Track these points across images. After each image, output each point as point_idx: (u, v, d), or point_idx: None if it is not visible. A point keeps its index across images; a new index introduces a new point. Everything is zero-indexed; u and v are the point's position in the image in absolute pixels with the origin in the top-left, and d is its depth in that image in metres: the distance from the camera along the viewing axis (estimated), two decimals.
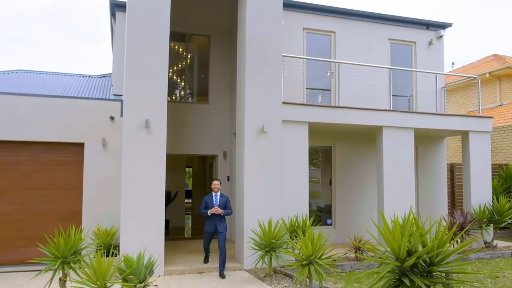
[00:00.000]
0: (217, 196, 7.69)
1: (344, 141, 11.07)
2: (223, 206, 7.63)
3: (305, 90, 11.15)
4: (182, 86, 11.99)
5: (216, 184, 7.78)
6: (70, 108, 8.64)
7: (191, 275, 7.42)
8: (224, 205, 7.65)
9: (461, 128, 10.27)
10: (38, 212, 8.36)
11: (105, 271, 4.54)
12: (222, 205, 7.62)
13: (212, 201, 7.61)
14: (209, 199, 7.65)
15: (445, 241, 3.56)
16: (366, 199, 11.06)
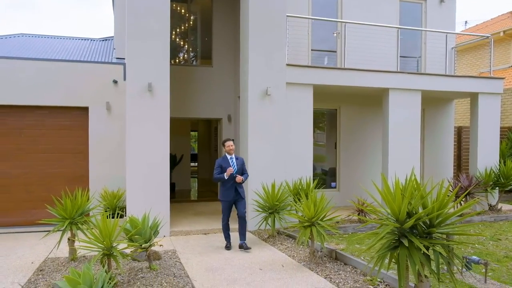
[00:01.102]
0: (233, 159, 6.71)
1: (350, 104, 10.94)
2: (241, 170, 6.75)
3: (310, 52, 10.91)
4: (185, 49, 11.80)
5: (231, 145, 6.74)
6: (73, 72, 8.58)
7: (196, 236, 7.58)
8: (241, 168, 6.76)
9: (470, 90, 10.06)
10: (45, 175, 8.49)
11: (111, 232, 4.64)
12: (240, 169, 6.73)
13: (229, 164, 6.63)
14: (225, 163, 6.66)
15: (446, 203, 3.56)
16: (370, 163, 11.06)
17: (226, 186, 6.63)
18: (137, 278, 5.05)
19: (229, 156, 6.73)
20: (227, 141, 6.82)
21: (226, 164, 6.62)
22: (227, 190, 6.63)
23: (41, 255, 6.21)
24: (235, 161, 6.71)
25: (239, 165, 6.74)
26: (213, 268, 5.58)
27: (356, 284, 4.89)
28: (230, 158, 6.71)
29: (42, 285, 4.85)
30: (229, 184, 6.60)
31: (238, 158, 6.82)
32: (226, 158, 6.71)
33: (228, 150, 6.74)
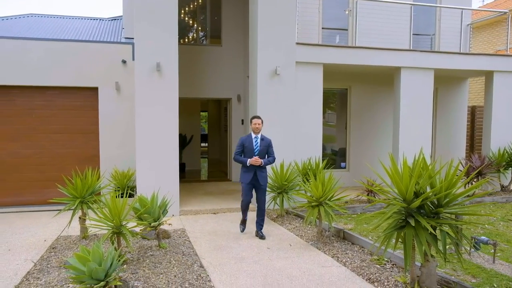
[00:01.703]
0: (258, 139, 6.07)
1: (361, 83, 10.78)
2: (265, 152, 6.15)
3: (321, 30, 10.72)
4: (194, 28, 11.68)
5: (257, 123, 6.08)
6: (82, 52, 8.59)
7: (206, 215, 7.66)
8: (265, 151, 6.14)
9: (485, 68, 9.81)
10: (57, 155, 8.61)
11: (120, 211, 4.71)
12: (264, 151, 6.12)
13: (252, 144, 6.02)
14: (248, 142, 6.05)
15: (454, 183, 3.52)
16: (381, 143, 10.96)
17: (245, 168, 6.11)
18: (146, 256, 5.15)
19: (254, 135, 6.10)
20: (254, 118, 6.16)
21: (248, 144, 6.03)
22: (245, 172, 6.09)
23: (53, 233, 6.34)
24: (259, 142, 6.07)
25: (263, 146, 6.08)
26: (221, 246, 5.65)
27: (363, 263, 4.91)
28: (254, 138, 6.08)
29: (54, 262, 4.97)
30: (249, 166, 6.04)
31: (264, 139, 6.14)
32: (251, 137, 6.09)
33: (254, 128, 6.10)
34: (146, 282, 4.30)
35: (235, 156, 6.12)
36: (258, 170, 6.03)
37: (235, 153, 6.11)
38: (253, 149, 6.01)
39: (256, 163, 5.92)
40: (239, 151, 6.09)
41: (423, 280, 3.77)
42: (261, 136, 6.15)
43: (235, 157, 6.12)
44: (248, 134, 6.21)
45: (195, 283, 4.31)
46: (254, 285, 4.26)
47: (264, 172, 6.12)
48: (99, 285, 3.61)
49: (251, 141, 6.07)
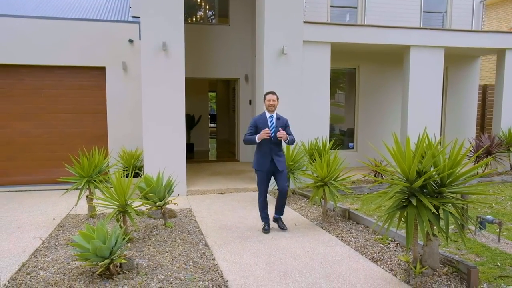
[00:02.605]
0: (273, 118, 5.31)
1: (369, 63, 10.61)
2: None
3: (330, 8, 10.52)
4: (202, 7, 11.54)
5: (272, 99, 5.28)
6: (90, 31, 8.58)
7: (212, 195, 7.72)
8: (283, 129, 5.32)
9: (497, 46, 9.57)
10: (66, 135, 8.70)
11: (125, 190, 4.76)
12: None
13: (267, 125, 5.25)
14: (261, 122, 5.27)
15: (458, 162, 3.47)
16: (390, 123, 10.86)
17: (260, 152, 5.28)
18: (152, 235, 5.23)
19: (269, 114, 5.31)
20: (268, 94, 5.34)
21: (262, 124, 5.24)
22: (261, 157, 5.25)
23: (62, 212, 6.47)
24: (274, 121, 5.29)
25: (280, 126, 5.30)
26: (226, 226, 5.71)
27: (367, 242, 4.92)
28: (269, 117, 5.30)
29: (62, 240, 5.08)
30: (264, 149, 5.23)
31: (280, 118, 5.35)
32: (264, 116, 5.31)
33: (268, 106, 5.30)
34: (151, 260, 4.38)
35: (244, 137, 5.31)
36: (274, 155, 5.24)
37: (246, 135, 5.32)
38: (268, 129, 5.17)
39: (266, 136, 5.07)
40: (250, 131, 5.28)
41: (425, 259, 3.77)
42: (276, 115, 5.34)
43: (245, 138, 5.31)
44: (261, 113, 5.40)
45: (199, 261, 4.37)
46: (258, 263, 4.31)
47: (282, 156, 5.33)
48: (103, 263, 3.69)
49: (265, 120, 5.26)
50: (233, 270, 4.13)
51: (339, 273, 4.05)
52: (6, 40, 8.19)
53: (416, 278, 3.72)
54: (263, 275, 4.01)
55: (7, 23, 8.21)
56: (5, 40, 8.19)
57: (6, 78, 8.35)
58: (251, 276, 3.99)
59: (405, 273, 3.92)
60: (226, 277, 3.96)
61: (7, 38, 8.20)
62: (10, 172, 8.46)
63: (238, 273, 4.05)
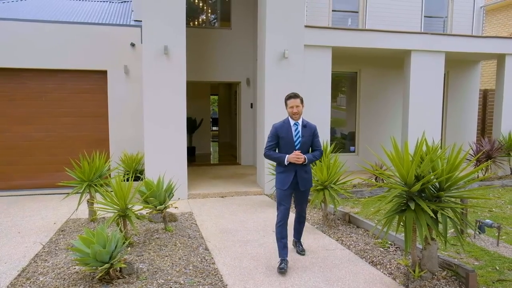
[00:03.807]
0: (298, 126, 4.35)
1: (370, 67, 10.65)
2: (309, 144, 4.41)
3: (331, 12, 10.57)
4: (204, 10, 11.60)
5: (295, 106, 4.29)
6: (92, 35, 8.63)
7: (214, 199, 7.74)
8: (310, 142, 4.41)
9: (497, 51, 9.60)
10: (68, 138, 8.74)
11: (125, 194, 4.78)
12: (308, 142, 4.38)
13: (290, 134, 4.32)
14: (284, 131, 4.33)
15: (457, 166, 3.49)
16: (391, 127, 10.87)
17: (281, 167, 4.37)
18: (152, 239, 5.25)
19: (293, 122, 4.35)
20: (290, 98, 4.33)
21: (285, 134, 4.32)
22: (283, 172, 4.34)
23: (63, 216, 6.49)
24: (300, 130, 4.33)
25: (307, 136, 4.35)
26: (227, 230, 5.72)
27: (366, 246, 4.93)
28: (293, 125, 4.34)
29: (62, 245, 5.10)
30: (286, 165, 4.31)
31: (307, 125, 4.40)
32: (288, 124, 4.36)
33: (291, 114, 4.34)
34: (151, 264, 4.39)
35: (266, 152, 4.39)
36: (299, 170, 4.31)
37: (266, 148, 4.39)
38: (293, 140, 4.30)
39: (298, 161, 4.21)
40: (272, 144, 4.36)
41: (424, 263, 3.78)
42: (303, 121, 4.39)
43: (266, 153, 4.39)
44: (284, 120, 4.44)
45: (199, 265, 4.39)
46: (258, 267, 4.33)
47: (308, 172, 4.40)
48: (103, 267, 3.71)
49: (289, 129, 4.33)
50: (233, 274, 4.14)
51: (339, 277, 4.06)
52: (8, 43, 8.25)
53: (415, 282, 3.73)
54: (263, 279, 4.03)
55: (10, 27, 8.27)
56: (7, 44, 8.25)
57: (8, 82, 8.40)
58: (250, 280, 4.01)
59: (404, 276, 3.92)
60: (226, 281, 3.98)
61: (9, 42, 8.26)
62: (11, 176, 8.49)
63: (238, 277, 4.07)
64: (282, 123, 4.41)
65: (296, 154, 4.20)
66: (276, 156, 4.33)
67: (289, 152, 4.29)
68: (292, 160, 4.22)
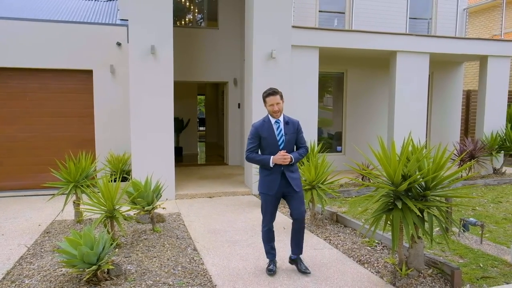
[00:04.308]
0: (280, 123, 4.01)
1: (357, 67, 10.75)
2: (293, 142, 4.07)
3: (318, 13, 10.64)
4: (190, 10, 11.56)
5: (276, 103, 3.95)
6: (77, 34, 8.52)
7: (201, 199, 7.72)
8: (294, 139, 4.06)
9: (480, 53, 9.79)
10: (52, 138, 8.61)
11: (113, 195, 4.74)
12: (292, 140, 4.04)
13: (273, 134, 3.97)
14: (266, 131, 3.98)
15: (442, 166, 3.55)
16: (377, 127, 10.99)
17: (266, 170, 4.01)
18: (140, 240, 5.21)
19: (274, 120, 4.01)
20: (269, 95, 3.97)
21: (268, 134, 3.97)
22: (268, 175, 3.98)
23: (48, 218, 6.39)
24: (282, 127, 3.99)
25: (290, 134, 4.02)
26: (215, 230, 5.71)
27: (354, 245, 4.98)
28: (275, 123, 4.00)
29: (48, 247, 5.03)
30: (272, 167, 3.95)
31: (290, 122, 4.06)
32: (269, 123, 4.01)
33: (271, 113, 3.99)
34: (139, 265, 4.37)
35: (248, 155, 4.02)
36: (286, 170, 3.96)
37: (247, 151, 4.03)
38: (276, 140, 3.95)
39: (284, 162, 3.87)
40: (253, 146, 4.00)
41: (410, 261, 3.84)
42: (284, 118, 4.04)
43: (248, 156, 4.02)
44: (263, 118, 4.09)
45: (188, 266, 4.37)
46: (246, 267, 4.33)
47: (295, 172, 4.04)
48: (91, 269, 3.67)
49: (271, 128, 3.98)
50: (222, 275, 4.14)
51: (327, 276, 4.10)
52: None
53: (402, 280, 3.78)
54: (252, 279, 4.04)
55: None
56: None
57: None
58: (240, 280, 4.01)
59: (391, 275, 3.98)
60: (215, 281, 3.98)
61: None
62: None
63: (227, 278, 4.07)
64: (262, 122, 4.03)
65: (281, 155, 3.86)
66: (259, 159, 3.96)
67: (273, 153, 3.94)
68: (278, 161, 3.87)
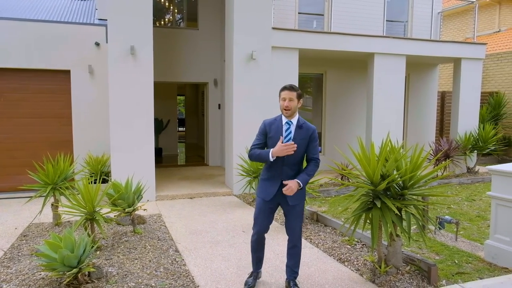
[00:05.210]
0: (291, 126, 3.59)
1: (336, 68, 10.91)
2: (303, 149, 3.58)
3: (298, 15, 10.74)
4: (170, 10, 11.50)
5: (288, 99, 3.52)
6: (54, 33, 8.37)
7: (182, 200, 7.69)
8: (304, 147, 3.58)
9: (454, 55, 10.09)
10: (29, 140, 8.42)
11: (93, 197, 4.69)
12: (302, 147, 3.55)
13: (280, 133, 3.57)
14: (274, 129, 3.61)
15: (419, 165, 3.67)
16: (355, 127, 11.18)
17: (268, 173, 3.65)
18: (121, 242, 5.17)
19: (285, 120, 3.61)
20: (284, 89, 3.56)
21: (275, 132, 3.59)
22: (267, 179, 3.65)
23: (25, 221, 6.25)
24: (293, 130, 3.57)
25: (301, 139, 3.54)
26: (197, 231, 5.71)
27: (334, 244, 5.07)
28: (285, 123, 3.60)
29: (26, 250, 4.93)
30: (273, 170, 3.59)
31: (303, 127, 3.59)
32: (280, 122, 3.62)
33: (282, 108, 3.58)
34: (121, 267, 4.34)
35: (250, 152, 3.65)
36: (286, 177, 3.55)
37: (251, 147, 3.66)
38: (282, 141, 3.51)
39: (288, 151, 3.40)
40: (259, 143, 3.64)
41: (389, 259, 3.95)
42: (298, 121, 3.61)
43: (249, 153, 3.65)
44: (276, 117, 3.70)
45: (170, 267, 4.37)
46: (229, 267, 4.36)
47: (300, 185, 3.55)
48: (71, 272, 3.63)
49: (280, 128, 3.59)
50: (205, 275, 4.16)
51: (308, 275, 4.17)
52: None
53: (381, 277, 3.88)
54: (234, 279, 4.07)
55: None
56: None
57: None
58: (222, 280, 4.04)
59: (371, 272, 4.08)
60: (198, 282, 3.99)
61: None
62: None
63: (210, 278, 4.09)
64: (273, 120, 3.66)
65: (284, 145, 3.38)
66: (258, 153, 3.56)
67: (278, 158, 3.50)
68: (280, 153, 3.40)
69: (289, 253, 3.79)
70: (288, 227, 3.71)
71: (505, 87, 12.96)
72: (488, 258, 4.49)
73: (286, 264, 3.84)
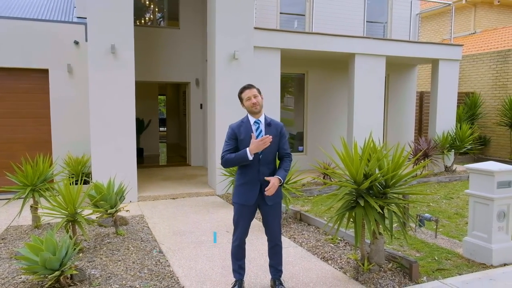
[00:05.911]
0: (260, 124, 3.58)
1: (317, 68, 11.01)
2: (275, 146, 3.56)
3: (279, 15, 10.79)
4: (151, 9, 11.38)
5: (253, 96, 3.56)
6: (30, 31, 8.16)
7: (165, 201, 7.63)
8: (276, 143, 3.57)
9: (431, 56, 10.31)
10: (5, 141, 8.21)
11: (74, 198, 4.62)
12: (274, 145, 3.52)
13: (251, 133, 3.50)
14: (244, 131, 3.54)
15: (400, 164, 3.75)
16: (337, 127, 11.30)
17: (244, 177, 3.56)
18: (103, 244, 5.10)
19: (253, 120, 3.58)
20: (245, 89, 3.60)
21: (245, 134, 3.51)
22: (244, 184, 3.55)
23: (2, 224, 6.09)
24: (263, 128, 3.57)
25: (274, 135, 3.53)
26: (180, 231, 5.69)
27: (318, 243, 5.13)
28: (254, 123, 3.57)
29: (5, 254, 4.81)
30: (250, 173, 3.51)
31: (272, 124, 3.60)
32: (248, 123, 3.57)
33: (249, 107, 3.55)
34: (104, 270, 4.28)
35: (223, 158, 3.51)
36: (264, 178, 3.48)
37: (223, 153, 3.52)
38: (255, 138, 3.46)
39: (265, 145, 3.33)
40: (230, 149, 3.52)
41: (372, 257, 4.02)
42: (266, 118, 3.62)
43: (223, 159, 3.51)
44: (242, 119, 3.64)
45: (154, 268, 4.34)
46: (213, 268, 4.36)
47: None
48: (53, 275, 3.56)
49: (249, 129, 3.53)
50: (189, 276, 4.15)
51: (293, 274, 4.20)
52: None
53: (364, 274, 3.95)
54: (219, 279, 4.07)
55: None
56: None
57: None
58: (207, 280, 4.03)
59: (354, 270, 4.14)
60: (183, 283, 3.98)
61: None
62: None
63: (195, 278, 4.08)
64: (240, 122, 3.59)
65: (259, 140, 3.32)
66: (234, 156, 3.44)
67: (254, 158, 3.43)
68: (257, 148, 3.34)
69: (272, 253, 3.77)
70: (268, 227, 3.67)
71: (481, 87, 13.33)
72: (467, 254, 4.62)
73: (269, 264, 3.82)
